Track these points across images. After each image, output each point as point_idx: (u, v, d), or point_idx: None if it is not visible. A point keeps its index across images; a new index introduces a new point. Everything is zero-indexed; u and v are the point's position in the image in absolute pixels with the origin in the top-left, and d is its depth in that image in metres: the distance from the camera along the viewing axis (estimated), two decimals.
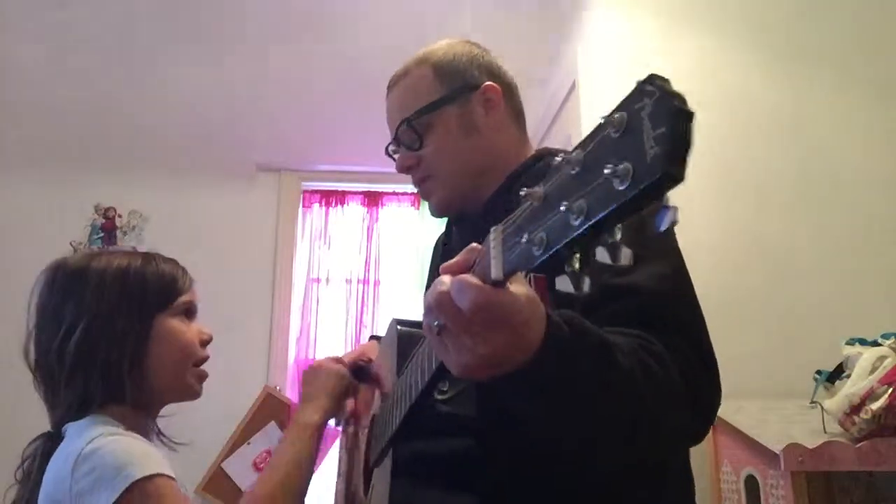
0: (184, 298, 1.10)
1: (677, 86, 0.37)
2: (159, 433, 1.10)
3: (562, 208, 0.43)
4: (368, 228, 3.41)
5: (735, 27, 2.05)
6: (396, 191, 3.40)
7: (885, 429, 1.28)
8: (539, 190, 0.46)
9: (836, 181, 1.95)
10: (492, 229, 0.52)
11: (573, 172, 0.43)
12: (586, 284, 0.44)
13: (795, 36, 2.04)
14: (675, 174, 0.36)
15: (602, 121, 0.41)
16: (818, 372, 1.54)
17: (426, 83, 1.06)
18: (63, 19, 2.62)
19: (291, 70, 2.85)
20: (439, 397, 0.88)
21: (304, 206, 3.40)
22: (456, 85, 1.05)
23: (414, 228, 3.35)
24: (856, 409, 1.29)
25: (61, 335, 1.02)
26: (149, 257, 1.11)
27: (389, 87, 1.11)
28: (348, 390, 1.12)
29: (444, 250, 1.18)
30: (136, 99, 2.95)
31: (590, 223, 0.41)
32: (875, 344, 1.40)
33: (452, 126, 1.04)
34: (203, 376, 1.11)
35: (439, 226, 1.25)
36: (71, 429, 0.99)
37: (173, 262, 1.14)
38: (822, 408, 1.38)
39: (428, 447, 0.89)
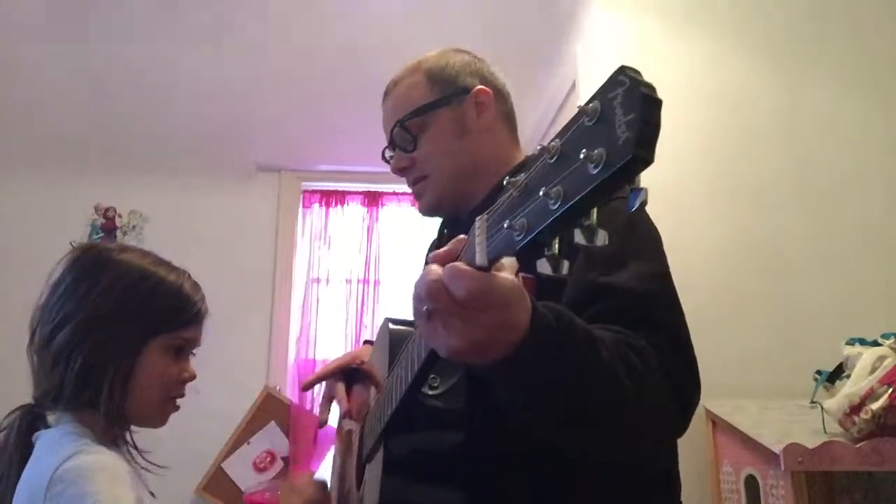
0: (185, 335, 1.07)
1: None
2: (130, 446, 1.05)
3: (541, 194, 0.45)
4: (368, 228, 3.40)
5: (735, 28, 2.05)
6: (396, 191, 3.39)
7: (885, 429, 1.28)
8: (520, 179, 0.49)
9: (835, 181, 1.95)
10: (476, 218, 0.55)
11: (551, 161, 0.45)
12: (564, 267, 0.47)
13: (795, 37, 2.04)
14: (644, 156, 0.38)
15: (577, 111, 0.43)
16: (818, 372, 1.54)
17: (419, 89, 1.09)
18: (63, 19, 2.62)
19: (291, 70, 2.85)
20: (430, 393, 0.89)
21: (303, 206, 3.40)
22: (448, 89, 1.08)
23: (414, 228, 3.35)
24: (856, 409, 1.30)
25: (56, 322, 1.00)
26: (176, 273, 1.08)
27: (385, 96, 1.14)
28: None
29: None
30: (136, 99, 2.94)
31: (567, 206, 0.43)
32: (875, 344, 1.40)
33: (445, 127, 1.07)
34: (174, 409, 1.09)
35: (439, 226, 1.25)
36: (43, 439, 0.98)
37: (196, 287, 1.10)
38: (822, 408, 1.38)
39: (419, 443, 0.91)
